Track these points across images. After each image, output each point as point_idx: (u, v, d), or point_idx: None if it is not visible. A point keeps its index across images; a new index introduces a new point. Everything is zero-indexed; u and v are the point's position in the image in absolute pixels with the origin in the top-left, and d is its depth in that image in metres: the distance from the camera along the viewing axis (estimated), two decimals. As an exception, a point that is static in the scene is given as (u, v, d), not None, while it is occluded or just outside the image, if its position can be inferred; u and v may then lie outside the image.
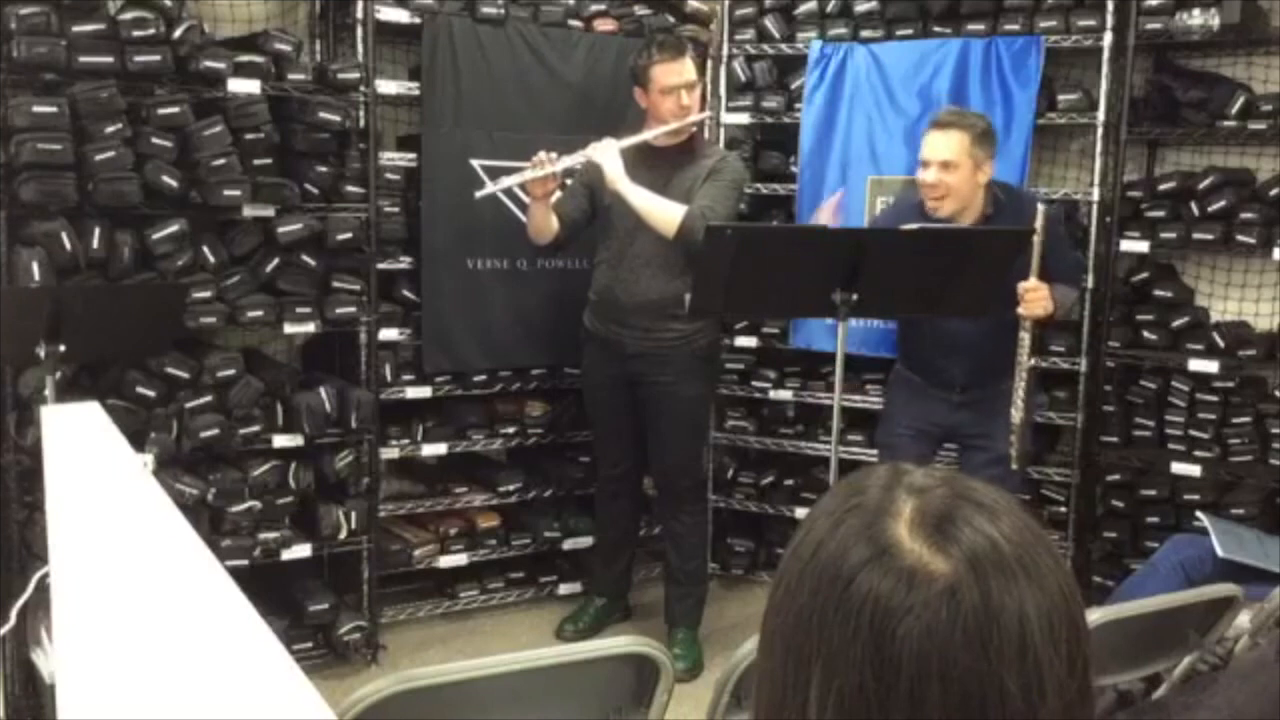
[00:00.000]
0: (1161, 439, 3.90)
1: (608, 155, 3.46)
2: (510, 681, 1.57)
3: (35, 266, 3.00)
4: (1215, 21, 3.69)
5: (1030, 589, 0.74)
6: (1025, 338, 3.11)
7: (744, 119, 4.32)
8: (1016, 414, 3.14)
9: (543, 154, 3.45)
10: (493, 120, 3.87)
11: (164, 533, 1.21)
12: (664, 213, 3.43)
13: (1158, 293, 3.94)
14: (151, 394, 3.24)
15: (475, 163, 3.81)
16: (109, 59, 3.08)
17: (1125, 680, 2.16)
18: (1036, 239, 3.05)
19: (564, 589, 4.22)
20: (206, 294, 3.30)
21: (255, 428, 3.39)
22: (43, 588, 1.86)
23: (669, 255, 3.52)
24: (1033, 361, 3.14)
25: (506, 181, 3.49)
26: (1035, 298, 3.09)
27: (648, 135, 3.56)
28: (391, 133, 3.97)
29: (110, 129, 3.07)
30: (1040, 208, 3.09)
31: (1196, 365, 3.79)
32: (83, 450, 1.53)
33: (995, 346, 3.24)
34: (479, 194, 3.52)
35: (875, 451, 3.83)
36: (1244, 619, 2.22)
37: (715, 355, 3.86)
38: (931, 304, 2.97)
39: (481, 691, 1.56)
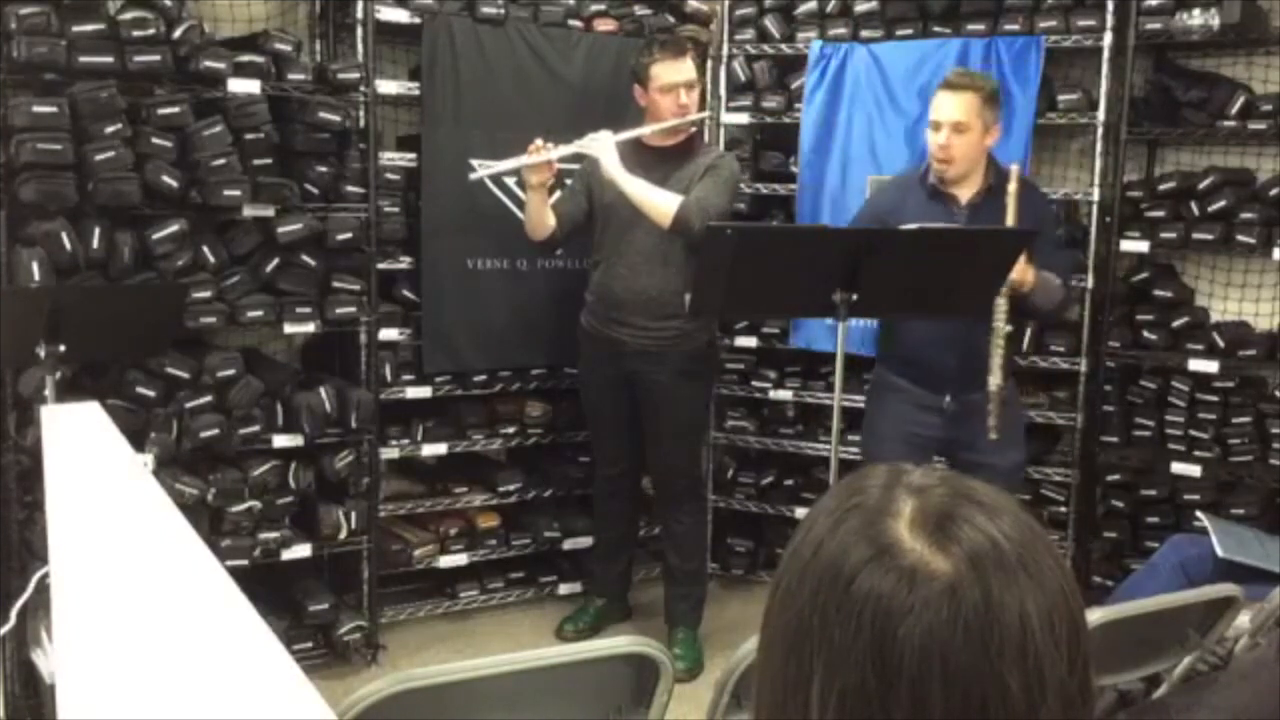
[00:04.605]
0: (1161, 439, 3.90)
1: (603, 146, 3.47)
2: (510, 681, 1.57)
3: (35, 266, 3.00)
4: (1215, 21, 3.69)
5: (1031, 588, 0.74)
6: (1001, 303, 3.05)
7: (744, 119, 4.32)
8: (993, 381, 3.07)
9: (539, 141, 3.47)
10: (493, 120, 3.87)
11: (164, 533, 1.21)
12: (659, 202, 3.44)
13: (1158, 293, 3.94)
14: (151, 394, 3.24)
15: (475, 163, 3.82)
16: (109, 59, 3.08)
17: (1125, 680, 2.16)
18: (1010, 197, 3.02)
19: (564, 589, 4.22)
20: (206, 294, 3.30)
21: (255, 428, 3.39)
22: (43, 588, 1.86)
23: (667, 250, 3.53)
24: (1009, 328, 3.07)
25: (502, 165, 3.52)
26: None
27: (646, 130, 3.57)
28: (391, 133, 3.97)
29: (110, 129, 3.07)
30: (1014, 168, 3.09)
31: (1196, 365, 3.80)
32: (83, 450, 1.52)
33: (988, 340, 3.10)
34: (474, 175, 3.57)
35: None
36: (1244, 619, 2.21)
37: (713, 354, 3.87)
38: (932, 304, 2.97)
39: (481, 691, 1.56)
